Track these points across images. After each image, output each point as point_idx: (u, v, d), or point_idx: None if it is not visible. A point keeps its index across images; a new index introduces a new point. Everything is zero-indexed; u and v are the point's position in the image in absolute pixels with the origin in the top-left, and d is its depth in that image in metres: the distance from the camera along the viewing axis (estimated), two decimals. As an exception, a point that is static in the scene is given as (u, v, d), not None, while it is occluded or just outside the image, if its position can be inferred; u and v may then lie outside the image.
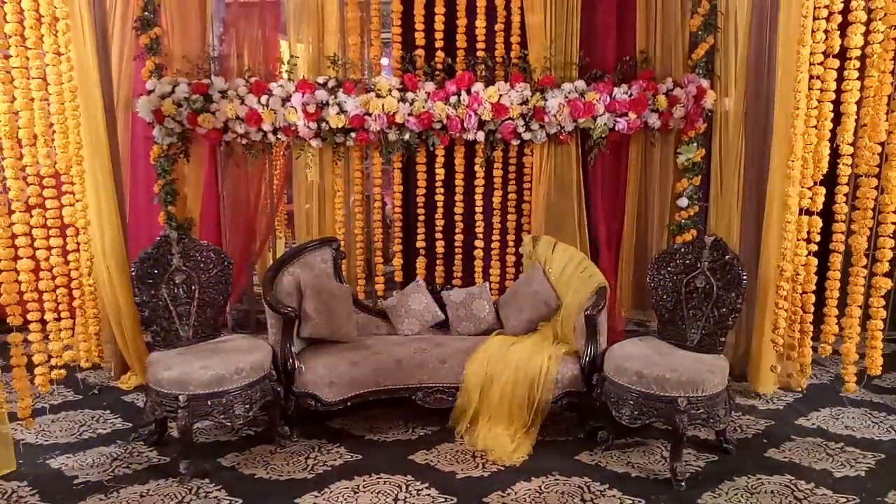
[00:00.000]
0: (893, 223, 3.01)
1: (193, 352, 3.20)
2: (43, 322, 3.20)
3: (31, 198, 3.19)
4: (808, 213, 3.44)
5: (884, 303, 3.14)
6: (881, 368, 3.27)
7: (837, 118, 3.19)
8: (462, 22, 4.38)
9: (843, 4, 3.06)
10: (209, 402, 2.96)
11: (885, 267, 3.08)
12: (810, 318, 3.50)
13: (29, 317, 3.05)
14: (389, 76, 4.45)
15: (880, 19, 2.87)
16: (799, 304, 3.49)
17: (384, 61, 4.79)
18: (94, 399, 3.81)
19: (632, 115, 4.26)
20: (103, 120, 3.83)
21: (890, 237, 3.01)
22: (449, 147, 4.47)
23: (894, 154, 2.91)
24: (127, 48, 4.14)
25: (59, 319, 3.37)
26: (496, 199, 4.61)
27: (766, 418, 3.58)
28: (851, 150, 3.07)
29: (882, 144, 2.96)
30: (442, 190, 4.56)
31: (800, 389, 3.83)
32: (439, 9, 4.36)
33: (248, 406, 3.06)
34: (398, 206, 4.67)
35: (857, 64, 3.01)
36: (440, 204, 4.58)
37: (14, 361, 2.92)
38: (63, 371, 3.24)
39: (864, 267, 3.09)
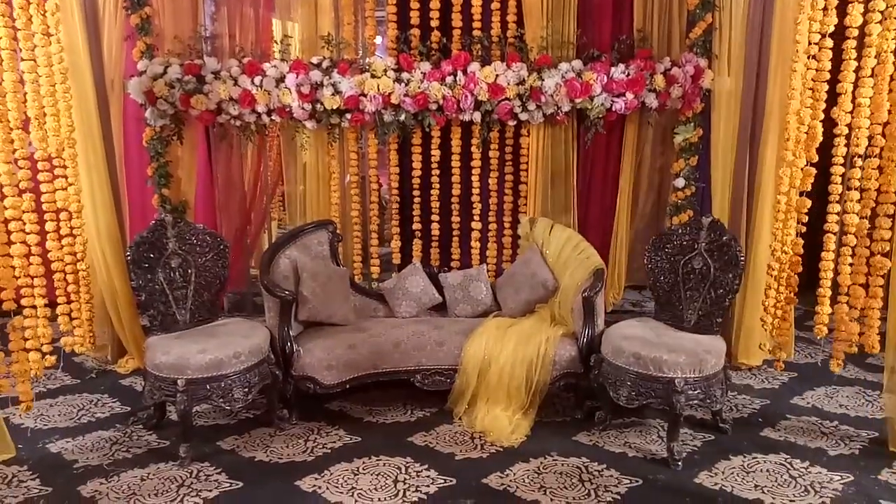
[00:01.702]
0: (893, 203, 2.99)
1: (191, 336, 3.20)
2: (35, 307, 3.17)
3: (23, 182, 3.14)
4: (801, 193, 3.42)
5: (882, 282, 3.13)
6: (877, 347, 3.27)
7: (832, 98, 3.17)
8: (458, 0, 4.32)
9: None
10: (208, 386, 2.97)
11: (885, 247, 3.07)
12: (794, 299, 3.49)
13: (23, 302, 3.02)
14: (384, 56, 4.40)
15: (882, -2, 2.84)
16: (786, 284, 3.49)
17: (378, 40, 4.73)
18: (92, 383, 3.81)
19: (629, 95, 4.23)
20: (94, 102, 3.78)
21: (888, 217, 3.01)
22: (445, 128, 4.44)
23: (894, 135, 2.90)
24: (117, 28, 4.05)
25: (49, 305, 3.35)
26: (493, 181, 4.59)
27: (762, 397, 3.61)
28: (847, 130, 3.05)
29: (883, 125, 2.94)
30: (438, 171, 4.53)
31: (779, 369, 3.76)
32: (435, -13, 4.30)
33: (246, 390, 3.06)
34: (394, 188, 4.64)
35: (855, 43, 2.98)
36: (436, 185, 4.56)
37: (13, 346, 2.90)
38: (54, 358, 3.22)
39: (867, 248, 3.08)
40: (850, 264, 3.11)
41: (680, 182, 4.45)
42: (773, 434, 3.22)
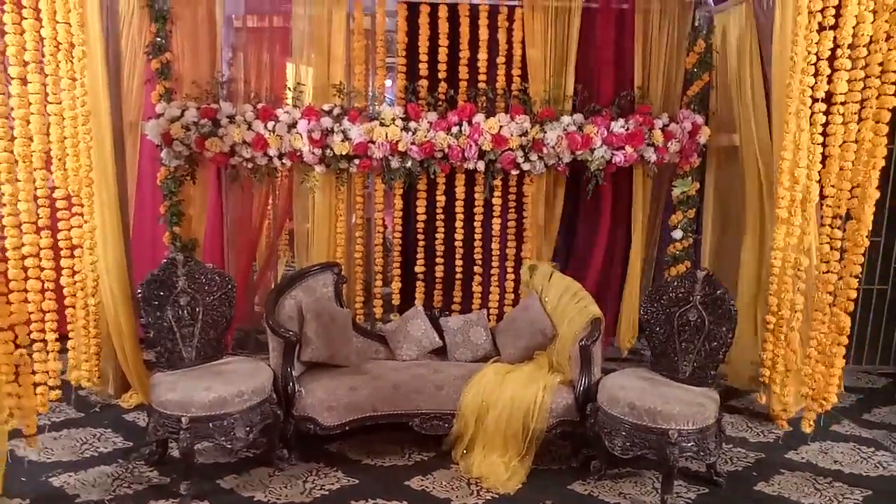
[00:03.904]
0: (861, 265, 3.14)
1: (196, 374, 3.26)
2: (44, 342, 3.26)
3: (41, 219, 3.26)
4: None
5: (846, 341, 3.25)
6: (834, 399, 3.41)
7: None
8: (465, 54, 4.51)
9: (829, 52, 3.20)
10: (210, 425, 3.02)
11: (849, 306, 3.19)
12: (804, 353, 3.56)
13: (33, 336, 3.11)
14: (393, 97, 4.55)
15: (861, 68, 3.00)
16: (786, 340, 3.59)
17: (388, 82, 4.89)
18: (96, 417, 3.85)
19: (629, 149, 4.38)
20: (111, 142, 3.88)
21: (854, 277, 3.14)
22: (450, 175, 4.58)
23: (868, 196, 3.04)
24: (138, 72, 4.22)
25: (60, 340, 3.43)
26: (496, 226, 4.72)
27: (757, 451, 3.64)
28: (834, 191, 3.19)
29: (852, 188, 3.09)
30: (443, 216, 4.66)
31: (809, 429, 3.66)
32: (443, 41, 4.49)
33: (248, 429, 3.11)
34: (398, 231, 4.76)
35: (842, 109, 3.13)
36: (440, 229, 4.68)
37: (21, 381, 2.97)
38: (59, 392, 3.29)
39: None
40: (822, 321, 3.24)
41: (678, 233, 4.58)
42: (767, 489, 3.25)
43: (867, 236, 3.15)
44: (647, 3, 4.51)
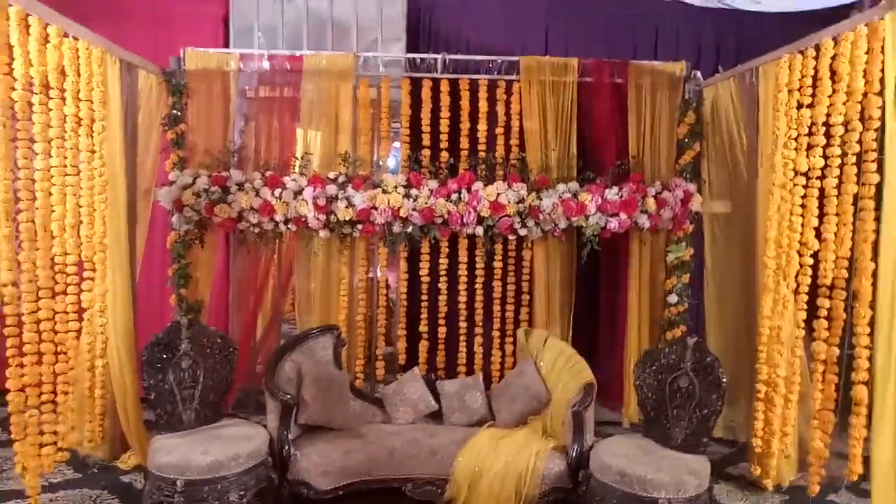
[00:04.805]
0: (869, 335, 3.15)
1: (194, 436, 3.32)
2: (54, 403, 3.35)
3: (57, 285, 3.40)
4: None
5: (866, 411, 3.24)
6: (858, 475, 3.33)
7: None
8: (465, 125, 4.73)
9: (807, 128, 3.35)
10: (206, 488, 3.06)
11: (864, 376, 3.20)
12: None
13: (43, 398, 3.21)
14: (398, 155, 4.74)
15: (837, 145, 3.14)
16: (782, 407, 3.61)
17: (396, 144, 5.09)
18: (94, 478, 3.89)
19: (623, 216, 4.51)
20: (125, 209, 4.06)
21: (865, 348, 3.16)
22: (452, 239, 4.72)
23: (864, 269, 3.10)
24: (153, 143, 4.45)
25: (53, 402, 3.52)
26: (496, 290, 4.82)
27: (755, 520, 3.60)
28: (811, 261, 3.29)
29: (850, 259, 3.16)
30: (446, 278, 4.78)
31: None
32: (444, 113, 4.72)
33: (242, 493, 3.15)
34: (403, 293, 4.87)
35: (818, 183, 3.26)
36: (443, 291, 4.80)
37: (30, 440, 3.06)
38: (67, 453, 3.36)
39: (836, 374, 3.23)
40: (821, 390, 3.24)
41: (673, 298, 4.66)
42: (762, 561, 3.21)
43: (869, 305, 3.18)
44: (640, 78, 4.71)
